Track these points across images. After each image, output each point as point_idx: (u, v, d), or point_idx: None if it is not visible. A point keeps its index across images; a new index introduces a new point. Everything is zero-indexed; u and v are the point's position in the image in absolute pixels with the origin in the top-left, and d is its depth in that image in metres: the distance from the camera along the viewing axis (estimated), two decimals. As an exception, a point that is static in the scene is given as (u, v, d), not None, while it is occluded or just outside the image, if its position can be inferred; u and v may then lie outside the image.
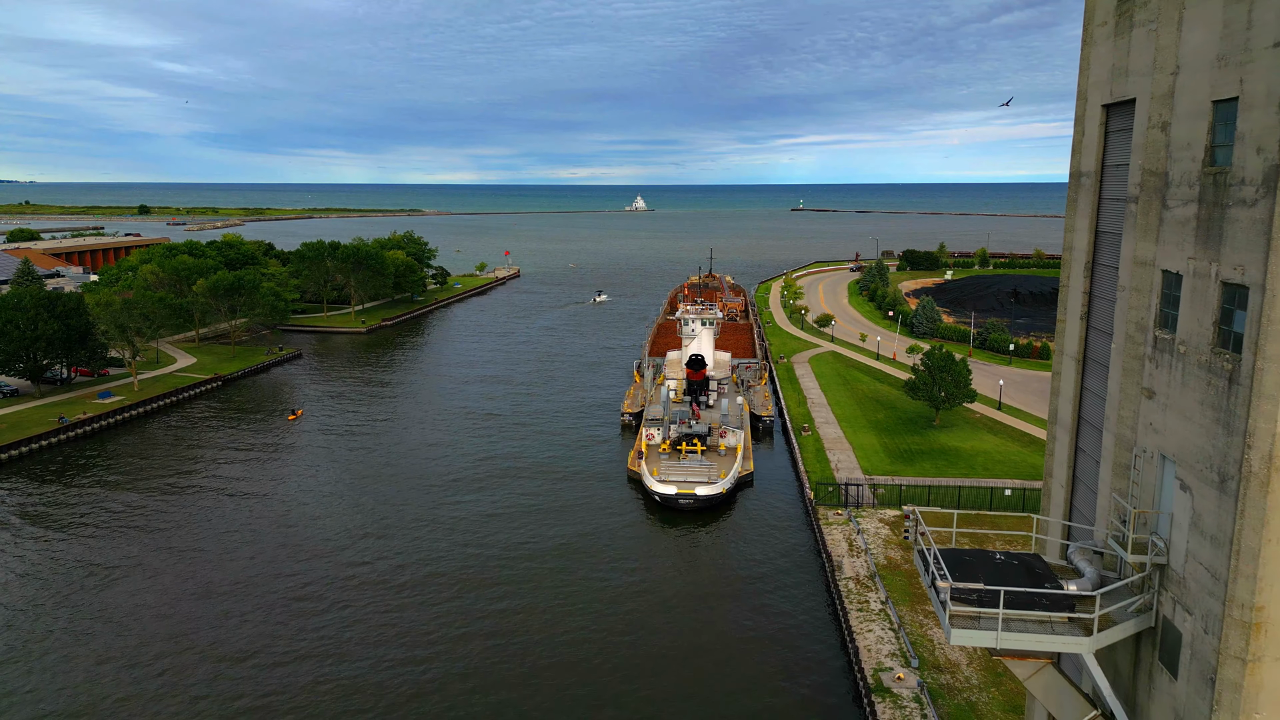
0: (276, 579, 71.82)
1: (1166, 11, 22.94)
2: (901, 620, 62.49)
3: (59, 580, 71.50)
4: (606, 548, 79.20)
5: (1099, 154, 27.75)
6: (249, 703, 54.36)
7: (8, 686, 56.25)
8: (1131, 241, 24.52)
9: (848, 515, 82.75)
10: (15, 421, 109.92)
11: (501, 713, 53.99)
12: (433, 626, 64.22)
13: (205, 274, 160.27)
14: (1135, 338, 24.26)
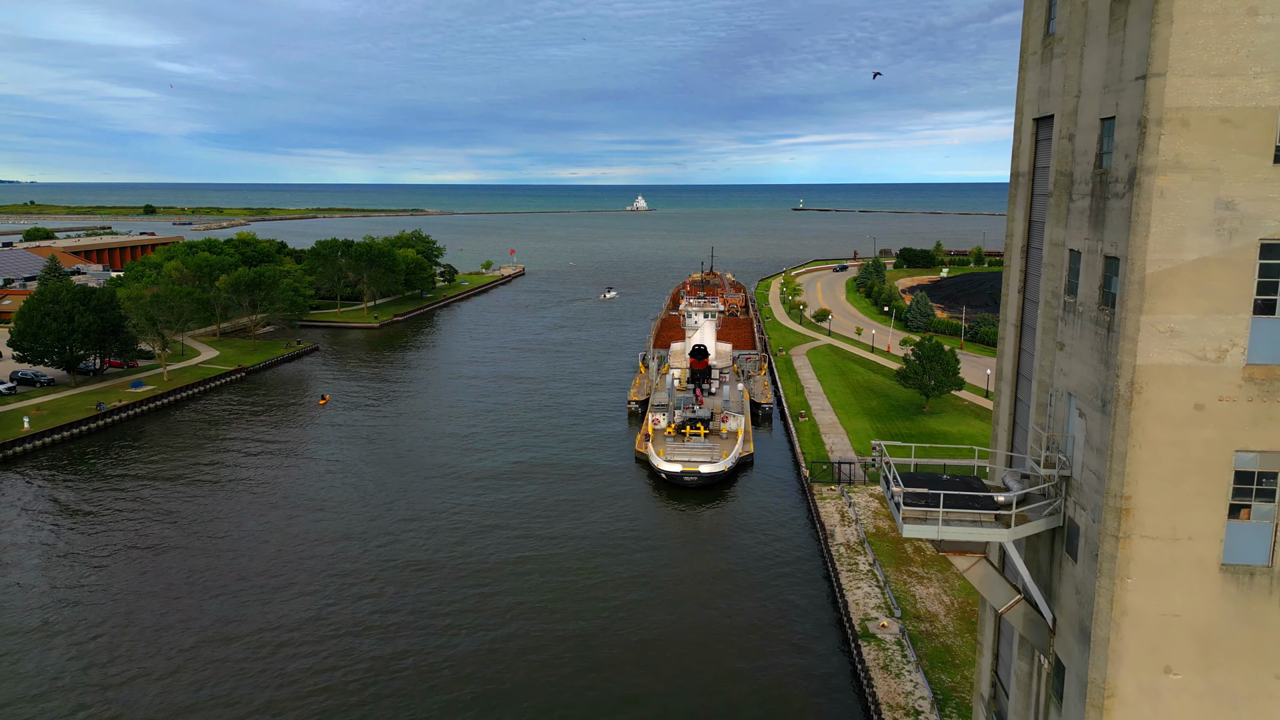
0: (315, 548, 78.28)
1: (1072, 48, 29.23)
2: (887, 578, 68.86)
3: (104, 556, 77.93)
4: (617, 519, 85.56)
5: (1030, 158, 34.06)
6: (306, 666, 60.82)
7: (53, 659, 62.71)
8: (1050, 228, 30.83)
9: (840, 491, 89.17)
10: (56, 408, 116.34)
11: (552, 640, 60.36)
12: (469, 589, 70.62)
13: (226, 270, 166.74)
14: (1051, 303, 30.58)
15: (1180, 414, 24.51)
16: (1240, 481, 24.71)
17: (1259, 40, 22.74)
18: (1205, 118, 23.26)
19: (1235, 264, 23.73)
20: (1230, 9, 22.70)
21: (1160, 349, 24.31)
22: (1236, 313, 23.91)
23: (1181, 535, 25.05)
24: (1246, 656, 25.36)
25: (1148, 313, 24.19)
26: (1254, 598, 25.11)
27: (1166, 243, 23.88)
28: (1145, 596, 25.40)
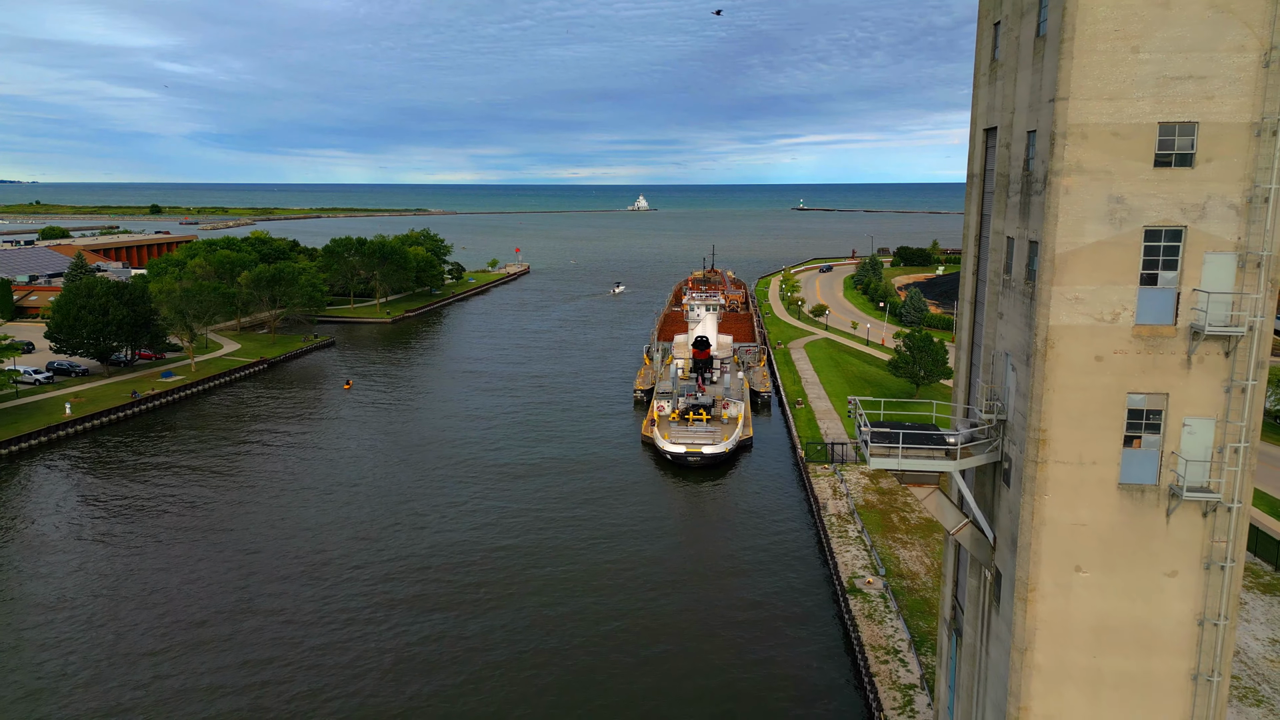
0: (349, 527, 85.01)
1: (1009, 73, 35.75)
2: (874, 544, 75.50)
3: (145, 534, 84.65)
4: (625, 495, 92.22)
5: (981, 162, 40.57)
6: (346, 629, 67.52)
7: (93, 630, 69.40)
8: (993, 219, 37.36)
9: (833, 469, 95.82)
10: (93, 397, 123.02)
11: (573, 598, 67.01)
12: (499, 555, 77.32)
13: (247, 267, 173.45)
14: (994, 282, 37.13)
15: (1084, 364, 31.16)
16: (1132, 417, 31.35)
17: (1140, 72, 29.38)
18: (1100, 131, 29.91)
19: (1124, 246, 30.37)
20: (1118, 48, 29.34)
21: (1068, 313, 30.96)
22: (1126, 284, 30.55)
23: (1087, 460, 31.69)
24: (1139, 557, 32.00)
25: (1057, 284, 30.84)
26: (1145, 510, 31.76)
27: (1071, 229, 30.53)
28: (1059, 509, 32.05)
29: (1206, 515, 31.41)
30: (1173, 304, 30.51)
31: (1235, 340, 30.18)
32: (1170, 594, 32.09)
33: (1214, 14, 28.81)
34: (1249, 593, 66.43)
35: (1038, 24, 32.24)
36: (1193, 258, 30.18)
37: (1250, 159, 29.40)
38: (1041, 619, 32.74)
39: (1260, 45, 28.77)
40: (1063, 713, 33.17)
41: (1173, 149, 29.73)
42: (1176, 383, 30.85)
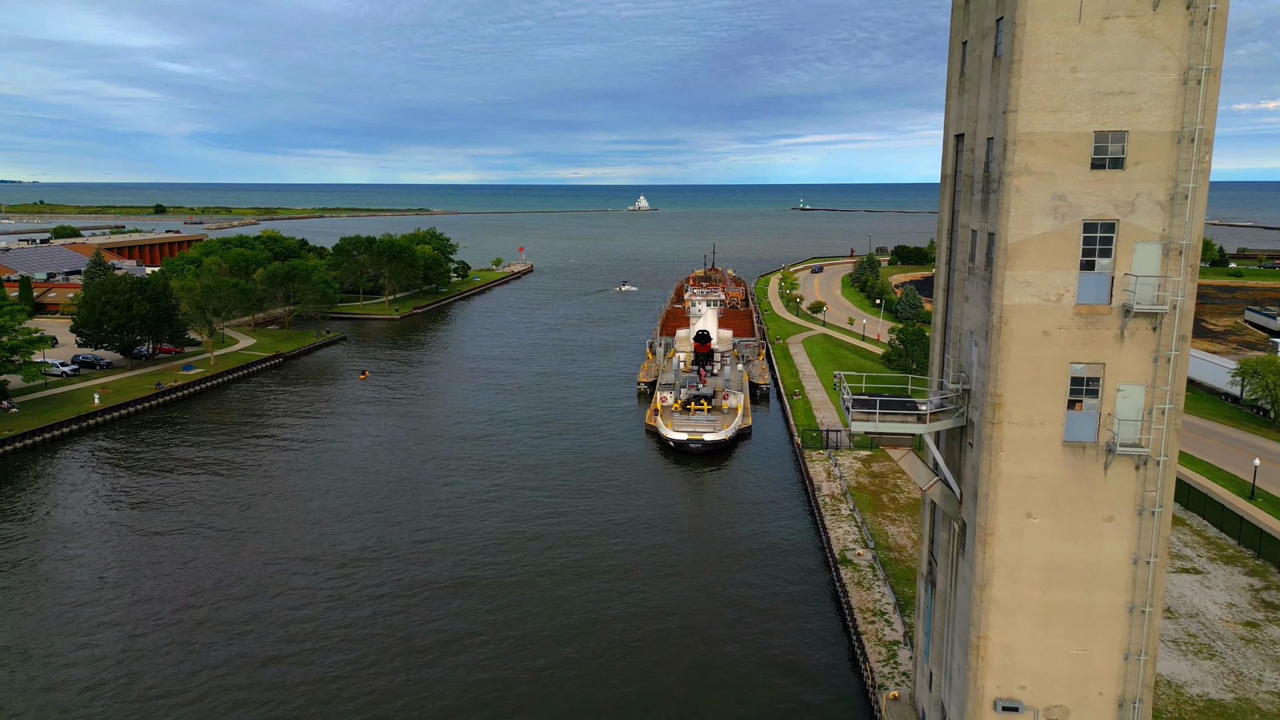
0: (368, 508, 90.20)
1: (973, 87, 40.81)
2: (864, 520, 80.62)
3: (172, 518, 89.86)
4: (631, 478, 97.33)
5: (953, 165, 45.60)
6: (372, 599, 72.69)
7: (133, 604, 74.56)
8: (961, 215, 42.45)
9: (828, 454, 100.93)
10: (119, 388, 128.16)
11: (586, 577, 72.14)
12: (514, 534, 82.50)
13: (261, 264, 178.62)
14: (961, 269, 42.22)
15: (1033, 338, 36.28)
16: (1074, 384, 36.48)
17: (1078, 89, 34.50)
18: (1044, 139, 35.04)
19: (1066, 237, 35.51)
20: (1059, 68, 34.47)
21: (1019, 294, 36.10)
22: (1068, 269, 35.68)
23: (1036, 421, 36.81)
24: (1082, 505, 37.13)
25: (1010, 270, 35.98)
26: (1085, 464, 36.89)
27: (1021, 223, 35.67)
28: (1013, 464, 37.18)
29: (1138, 468, 36.55)
30: (1108, 286, 35.65)
31: (1161, 317, 35.31)
32: (1109, 537, 37.23)
33: (1140, 39, 33.95)
34: (1213, 563, 71.53)
35: (995, 46, 37.40)
36: (1124, 247, 35.31)
37: (1173, 162, 34.53)
38: (999, 559, 37.89)
39: (1180, 65, 33.90)
40: (1017, 640, 38.33)
41: (1106, 154, 34.86)
42: (1111, 354, 35.99)
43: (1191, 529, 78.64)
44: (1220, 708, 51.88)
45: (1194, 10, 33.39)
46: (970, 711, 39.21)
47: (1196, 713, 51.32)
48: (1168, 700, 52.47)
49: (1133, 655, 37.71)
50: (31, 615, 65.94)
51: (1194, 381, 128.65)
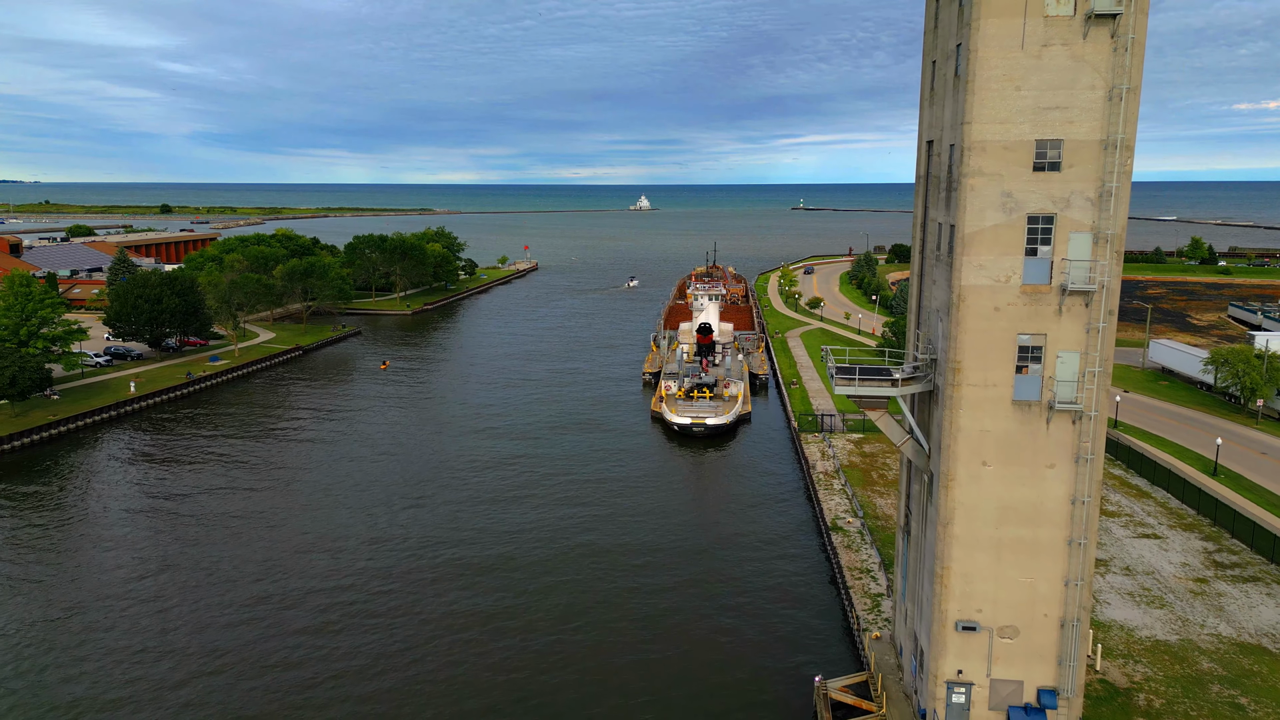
0: (393, 486, 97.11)
1: (940, 100, 47.60)
2: (854, 494, 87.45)
3: (208, 497, 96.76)
4: (638, 460, 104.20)
5: (925, 167, 52.34)
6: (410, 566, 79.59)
7: (171, 577, 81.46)
8: (931, 210, 49.29)
9: (823, 437, 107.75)
10: (151, 378, 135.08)
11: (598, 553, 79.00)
12: (535, 510, 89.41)
13: (280, 261, 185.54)
14: (930, 256, 49.06)
15: (986, 313, 43.09)
16: (1021, 352, 43.30)
17: (1021, 104, 41.31)
18: (994, 146, 41.86)
19: (1013, 228, 42.33)
20: (1005, 87, 41.29)
21: (974, 276, 42.93)
22: (1015, 255, 42.50)
23: (989, 384, 43.64)
24: (1028, 454, 43.94)
25: (966, 256, 42.82)
26: (1031, 419, 43.71)
27: (975, 216, 42.49)
28: (969, 420, 44.00)
29: (1075, 422, 43.40)
30: (1048, 269, 42.48)
31: (1092, 295, 42.16)
32: (1051, 481, 44.07)
33: (1073, 63, 40.79)
34: (1172, 530, 78.32)
35: (955, 67, 44.25)
36: (1061, 236, 42.16)
37: (1100, 165, 41.37)
38: (959, 501, 44.75)
39: (1106, 85, 40.74)
40: (975, 570, 45.19)
41: (1046, 158, 41.71)
42: (1052, 326, 42.83)
43: (1156, 501, 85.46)
44: (1165, 647, 58.70)
45: (1117, 39, 40.24)
46: (936, 632, 46.08)
47: (1144, 651, 58.13)
48: (1119, 641, 59.30)
49: (1072, 582, 44.56)
50: (82, 584, 72.89)
51: (1170, 371, 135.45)
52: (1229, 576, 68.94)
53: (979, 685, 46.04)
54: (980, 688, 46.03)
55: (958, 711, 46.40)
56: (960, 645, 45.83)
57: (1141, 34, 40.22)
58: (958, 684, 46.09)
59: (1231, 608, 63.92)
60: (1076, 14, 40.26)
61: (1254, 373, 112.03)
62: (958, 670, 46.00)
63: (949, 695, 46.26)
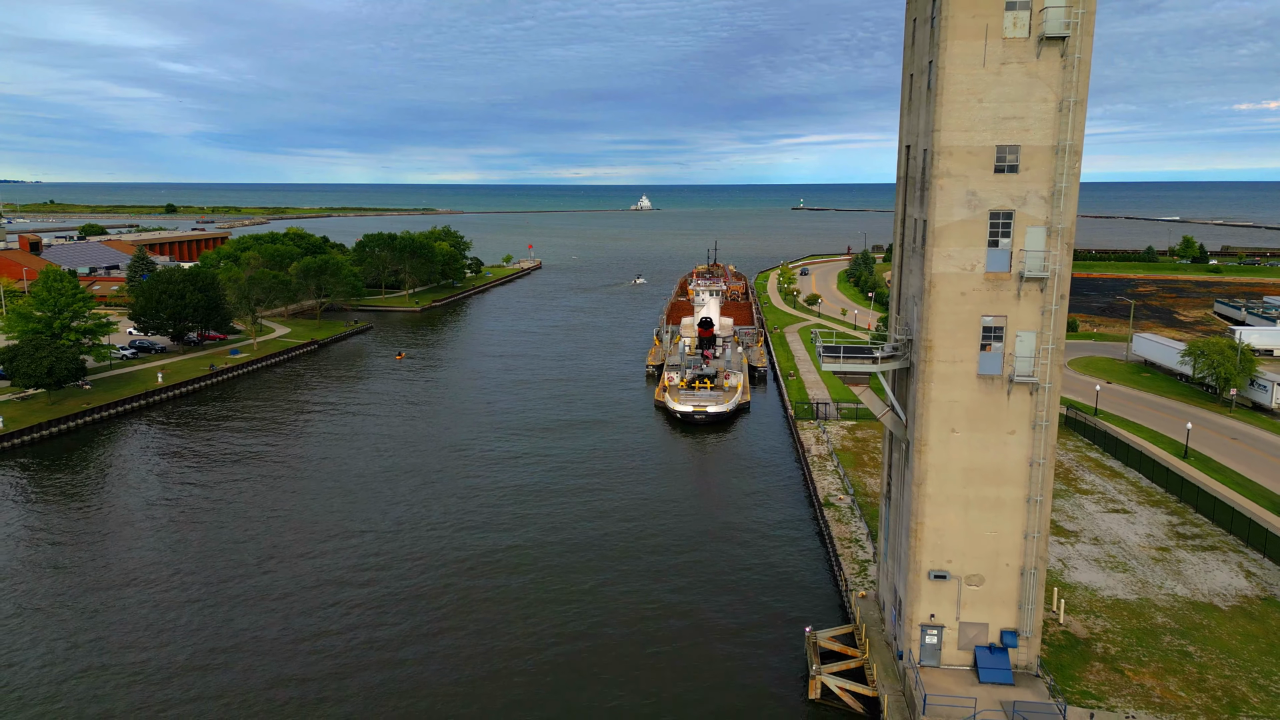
0: (413, 471, 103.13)
1: (916, 109, 53.54)
2: (846, 474, 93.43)
3: (238, 478, 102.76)
4: (643, 445, 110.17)
5: (904, 169, 58.29)
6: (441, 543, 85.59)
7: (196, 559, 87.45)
8: (909, 208, 55.27)
9: (818, 424, 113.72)
10: (176, 369, 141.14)
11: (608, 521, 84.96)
12: (552, 490, 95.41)
13: (295, 259, 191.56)
14: (907, 248, 55.04)
15: (954, 298, 49.03)
16: (985, 332, 49.22)
17: (983, 114, 47.26)
18: (960, 150, 47.81)
19: (977, 222, 48.28)
20: (969, 99, 47.23)
21: (943, 265, 48.87)
22: (979, 247, 48.46)
23: (957, 360, 49.59)
24: (990, 421, 49.87)
25: (936, 247, 48.78)
26: (993, 391, 49.66)
27: (944, 213, 48.45)
28: (940, 392, 49.95)
29: (1032, 393, 49.36)
30: (1008, 259, 48.43)
31: (1046, 281, 48.12)
32: (1011, 445, 50.03)
33: (1028, 79, 46.75)
34: (1141, 506, 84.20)
35: (928, 81, 50.22)
36: (1019, 230, 48.10)
37: (1052, 168, 47.32)
38: (930, 464, 50.70)
39: (1056, 98, 46.70)
40: (945, 525, 51.15)
41: (1005, 162, 47.67)
42: (1011, 309, 48.79)
43: (1128, 481, 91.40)
44: (1124, 604, 64.63)
45: (1066, 58, 46.21)
46: (911, 581, 52.07)
47: (1104, 608, 64.07)
48: (1083, 599, 65.22)
49: (1030, 535, 50.53)
50: (115, 559, 78.98)
51: (1152, 363, 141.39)
52: (1189, 545, 74.88)
53: (949, 628, 52.01)
54: (950, 630, 52.00)
55: (931, 651, 52.38)
56: (933, 592, 51.80)
57: (1087, 54, 46.18)
58: (930, 627, 52.06)
59: (1188, 572, 69.85)
60: (1031, 36, 46.23)
61: (1228, 364, 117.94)
62: (930, 614, 51.97)
63: (923, 637, 52.23)
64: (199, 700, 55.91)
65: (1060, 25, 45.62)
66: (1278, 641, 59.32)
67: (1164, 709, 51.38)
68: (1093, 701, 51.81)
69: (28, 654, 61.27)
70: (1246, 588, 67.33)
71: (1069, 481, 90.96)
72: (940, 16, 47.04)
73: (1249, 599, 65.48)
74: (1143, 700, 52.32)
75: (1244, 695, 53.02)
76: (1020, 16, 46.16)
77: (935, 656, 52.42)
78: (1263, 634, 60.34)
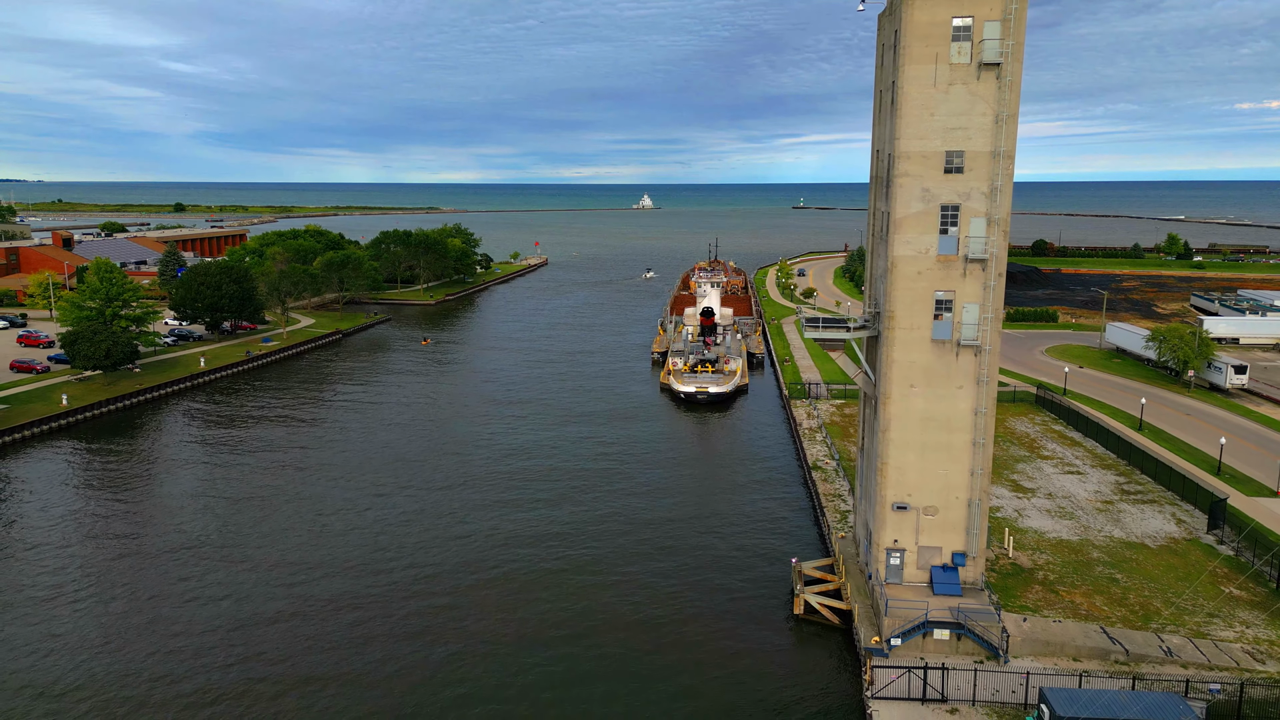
0: (439, 445, 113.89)
1: (884, 119, 64.07)
2: (833, 443, 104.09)
3: (273, 453, 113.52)
4: (648, 424, 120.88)
5: (875, 169, 68.87)
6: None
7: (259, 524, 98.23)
8: (877, 202, 65.87)
9: (810, 403, 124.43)
10: (215, 355, 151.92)
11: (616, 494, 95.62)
12: (559, 466, 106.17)
13: (318, 254, 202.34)
14: (876, 236, 65.67)
15: (912, 276, 59.62)
16: (937, 305, 59.81)
17: (935, 125, 57.86)
18: (916, 154, 58.41)
19: (930, 214, 58.89)
20: (923, 113, 57.82)
21: (902, 249, 59.48)
22: (932, 234, 59.06)
23: (914, 327, 60.18)
24: (943, 379, 60.48)
25: (897, 234, 59.40)
26: (944, 353, 60.26)
27: (903, 206, 59.06)
28: (900, 354, 60.56)
29: (976, 355, 59.97)
30: (956, 244, 59.02)
31: (986, 262, 58.74)
32: (959, 398, 60.64)
33: (971, 97, 57.35)
34: (1094, 469, 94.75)
35: (891, 97, 60.85)
36: (964, 220, 58.70)
37: (990, 170, 57.91)
38: (893, 414, 61.32)
39: (993, 112, 57.30)
40: (905, 465, 61.75)
41: (953, 164, 58.25)
42: (959, 285, 59.38)
43: (1085, 449, 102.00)
44: (1066, 543, 75.23)
45: (1000, 80, 56.81)
46: (878, 512, 62.71)
47: (1049, 545, 74.65)
48: (1031, 540, 75.77)
49: (975, 472, 61.16)
50: (169, 524, 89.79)
51: (1123, 350, 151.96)
52: (1131, 500, 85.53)
53: (910, 551, 62.63)
54: (911, 552, 62.62)
55: (895, 571, 62.99)
56: (896, 521, 62.43)
57: (1017, 77, 56.79)
58: (894, 550, 62.67)
59: (1126, 520, 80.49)
60: (972, 62, 56.85)
61: (1186, 348, 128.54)
62: (894, 540, 62.60)
63: (888, 559, 62.83)
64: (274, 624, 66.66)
65: (995, 54, 56.24)
66: (1193, 571, 69.94)
67: (1088, 618, 62.02)
68: (1029, 612, 62.46)
69: (137, 587, 72.07)
70: (1175, 531, 77.98)
71: (1033, 449, 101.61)
72: (900, 45, 57.69)
73: (1175, 540, 76.13)
74: (1071, 612, 62.97)
75: (1157, 609, 63.64)
76: (963, 46, 56.79)
77: (898, 575, 63.05)
78: (1182, 565, 70.97)
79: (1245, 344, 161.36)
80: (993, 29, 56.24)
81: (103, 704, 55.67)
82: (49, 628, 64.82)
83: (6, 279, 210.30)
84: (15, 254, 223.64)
